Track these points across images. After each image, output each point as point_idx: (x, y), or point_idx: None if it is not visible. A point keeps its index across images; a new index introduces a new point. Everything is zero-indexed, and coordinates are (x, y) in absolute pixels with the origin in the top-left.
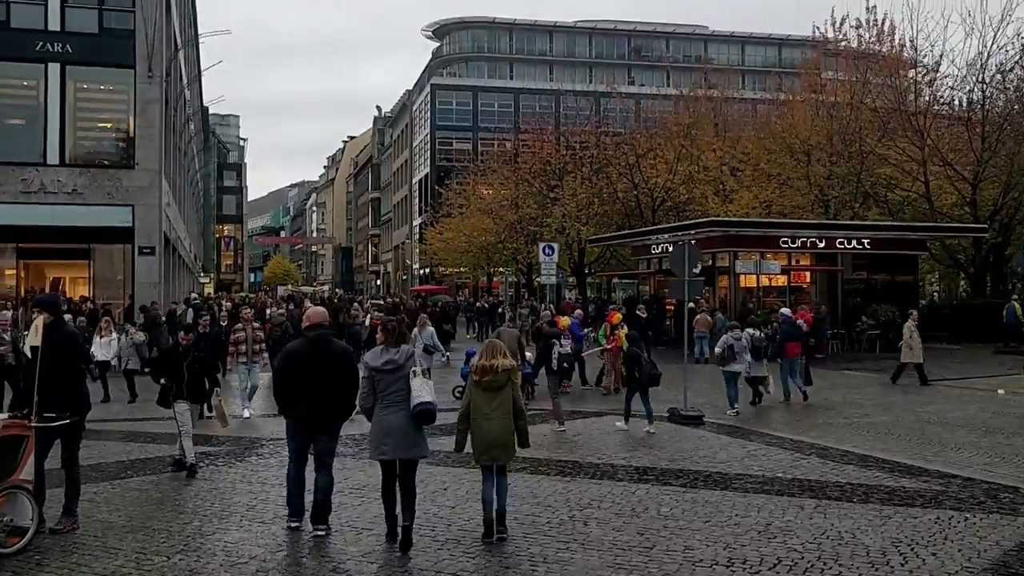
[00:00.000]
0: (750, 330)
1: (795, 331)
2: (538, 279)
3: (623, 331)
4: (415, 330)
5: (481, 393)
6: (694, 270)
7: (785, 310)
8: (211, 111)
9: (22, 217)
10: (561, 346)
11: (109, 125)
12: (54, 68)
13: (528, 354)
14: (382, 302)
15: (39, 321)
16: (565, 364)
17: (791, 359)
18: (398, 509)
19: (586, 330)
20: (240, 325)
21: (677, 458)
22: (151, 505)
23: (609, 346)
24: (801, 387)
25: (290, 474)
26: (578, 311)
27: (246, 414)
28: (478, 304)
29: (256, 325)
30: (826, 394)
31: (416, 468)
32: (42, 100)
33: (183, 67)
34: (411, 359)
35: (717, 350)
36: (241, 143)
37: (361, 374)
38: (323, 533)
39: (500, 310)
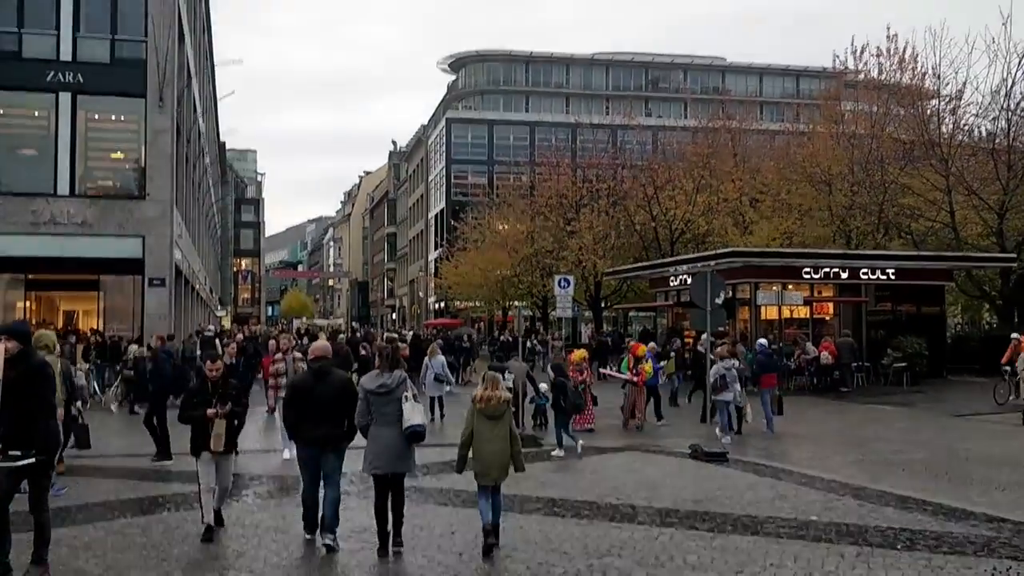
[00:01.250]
0: (733, 361)
1: (771, 362)
2: (553, 312)
3: (648, 364)
4: (426, 359)
5: (484, 420)
6: (716, 300)
7: (762, 340)
8: (228, 146)
9: (32, 248)
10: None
11: (120, 155)
12: (65, 98)
13: (543, 386)
14: (396, 335)
15: None
16: None
17: (767, 389)
18: (389, 526)
19: (662, 363)
20: (279, 356)
21: (702, 499)
22: (133, 551)
23: (635, 379)
24: (771, 418)
25: (304, 496)
26: (652, 344)
27: (287, 455)
28: (502, 338)
29: (299, 356)
30: (855, 430)
31: (404, 480)
32: (53, 130)
33: (197, 99)
34: (403, 384)
35: (711, 380)
36: (259, 178)
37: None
38: (331, 542)
39: (530, 344)
